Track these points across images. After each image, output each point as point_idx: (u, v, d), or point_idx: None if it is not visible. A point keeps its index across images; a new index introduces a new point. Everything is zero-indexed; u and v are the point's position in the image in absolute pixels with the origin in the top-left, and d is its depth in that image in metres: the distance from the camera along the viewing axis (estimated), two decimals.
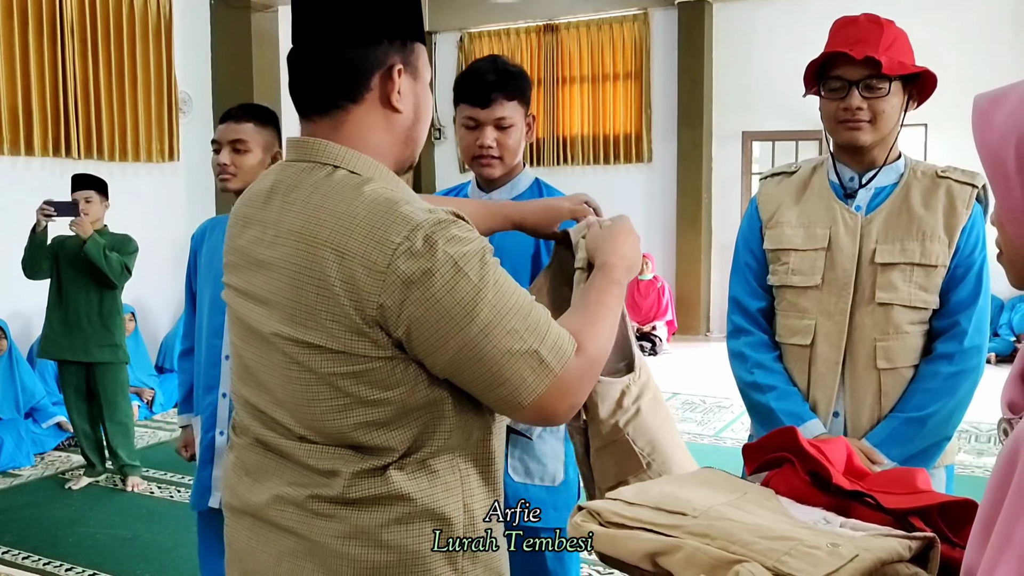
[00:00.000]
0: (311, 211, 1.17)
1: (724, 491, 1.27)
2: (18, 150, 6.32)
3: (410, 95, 1.27)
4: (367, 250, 1.11)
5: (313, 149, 1.23)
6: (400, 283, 1.11)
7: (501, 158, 2.04)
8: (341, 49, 1.22)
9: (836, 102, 1.87)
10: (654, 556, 1.14)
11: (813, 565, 1.03)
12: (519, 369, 1.15)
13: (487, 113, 2.00)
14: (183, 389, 2.78)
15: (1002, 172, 0.79)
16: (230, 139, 2.46)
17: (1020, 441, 0.71)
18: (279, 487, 1.23)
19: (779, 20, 9.06)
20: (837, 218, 1.92)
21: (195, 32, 7.70)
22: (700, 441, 5.71)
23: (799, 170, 2.05)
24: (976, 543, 0.73)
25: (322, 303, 1.14)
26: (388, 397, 1.16)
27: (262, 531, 1.25)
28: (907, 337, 1.86)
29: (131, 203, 7.09)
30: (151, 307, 7.19)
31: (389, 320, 1.12)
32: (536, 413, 1.19)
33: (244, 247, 1.28)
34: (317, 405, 1.18)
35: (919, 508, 1.23)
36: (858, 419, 1.89)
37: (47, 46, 6.43)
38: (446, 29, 10.56)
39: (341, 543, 1.19)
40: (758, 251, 2.03)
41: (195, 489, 2.58)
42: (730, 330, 2.08)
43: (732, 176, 9.33)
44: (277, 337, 1.19)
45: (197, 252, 2.67)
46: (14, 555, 3.95)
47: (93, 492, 4.86)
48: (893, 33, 1.85)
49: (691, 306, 9.36)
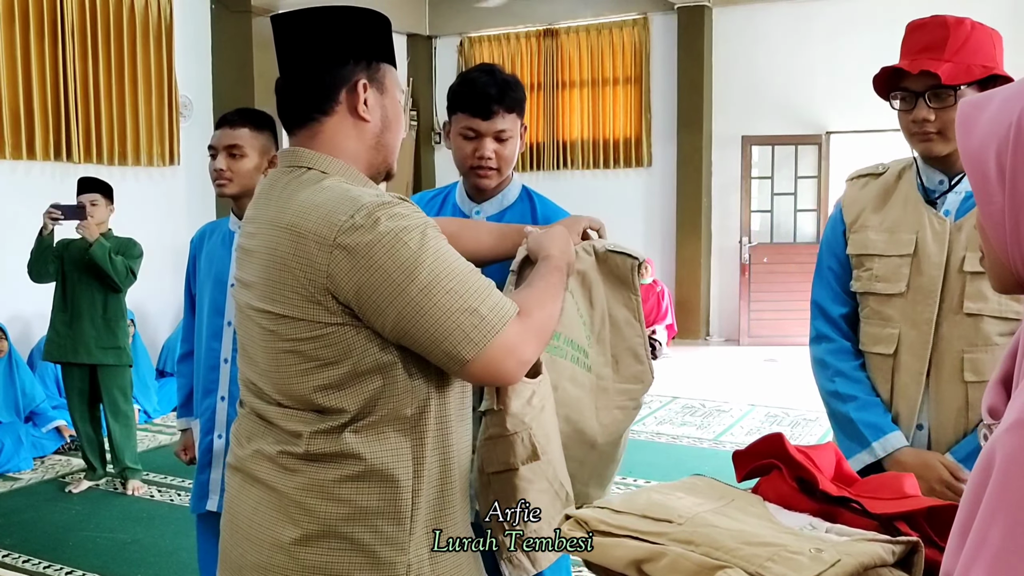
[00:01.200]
0: (282, 203, 1.37)
1: (711, 498, 1.29)
2: (19, 154, 6.33)
3: (377, 107, 1.45)
4: (318, 228, 1.29)
5: (294, 156, 1.43)
6: (345, 253, 1.27)
7: (499, 169, 2.05)
8: (312, 70, 1.42)
9: (906, 114, 1.82)
10: (639, 563, 1.16)
11: (795, 570, 1.04)
12: (460, 324, 1.28)
13: (488, 125, 2.00)
14: (182, 393, 2.77)
15: (983, 178, 0.80)
16: (226, 144, 2.46)
17: (996, 447, 0.72)
18: (259, 445, 1.41)
19: (778, 24, 9.08)
20: (924, 223, 1.85)
21: (196, 36, 7.71)
22: (699, 445, 5.72)
23: (886, 172, 1.97)
24: (953, 548, 0.74)
25: (284, 277, 1.32)
26: (342, 360, 1.31)
27: (245, 483, 1.43)
28: (996, 349, 1.78)
29: (131, 207, 7.09)
30: (150, 311, 7.20)
31: (339, 288, 1.28)
32: (484, 370, 1.32)
33: (241, 243, 1.48)
34: (285, 370, 1.35)
35: (905, 513, 1.24)
36: (942, 433, 1.83)
37: (48, 50, 6.45)
38: (446, 33, 10.58)
39: (301, 494, 1.35)
40: (841, 255, 1.98)
41: (194, 492, 2.58)
42: (812, 336, 2.03)
43: (732, 180, 9.34)
44: (255, 311, 1.38)
45: (196, 256, 2.67)
46: (14, 559, 3.95)
47: (93, 496, 4.86)
48: (963, 35, 1.76)
49: (691, 310, 9.36)
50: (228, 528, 1.47)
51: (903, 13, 5.69)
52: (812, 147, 9.00)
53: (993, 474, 0.71)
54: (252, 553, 1.39)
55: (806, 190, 9.10)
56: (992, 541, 0.68)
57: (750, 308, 9.04)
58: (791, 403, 6.47)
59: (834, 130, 8.89)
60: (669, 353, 8.79)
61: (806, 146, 9.02)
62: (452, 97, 2.04)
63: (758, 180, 9.29)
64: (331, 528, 1.34)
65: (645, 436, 5.91)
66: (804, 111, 9.00)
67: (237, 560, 1.42)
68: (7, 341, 5.67)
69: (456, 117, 2.03)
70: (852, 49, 8.53)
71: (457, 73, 10.42)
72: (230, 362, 2.46)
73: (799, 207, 9.10)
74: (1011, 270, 0.83)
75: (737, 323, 9.20)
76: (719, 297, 9.45)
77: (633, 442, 5.71)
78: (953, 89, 1.75)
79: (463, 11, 10.29)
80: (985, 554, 0.68)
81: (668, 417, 6.41)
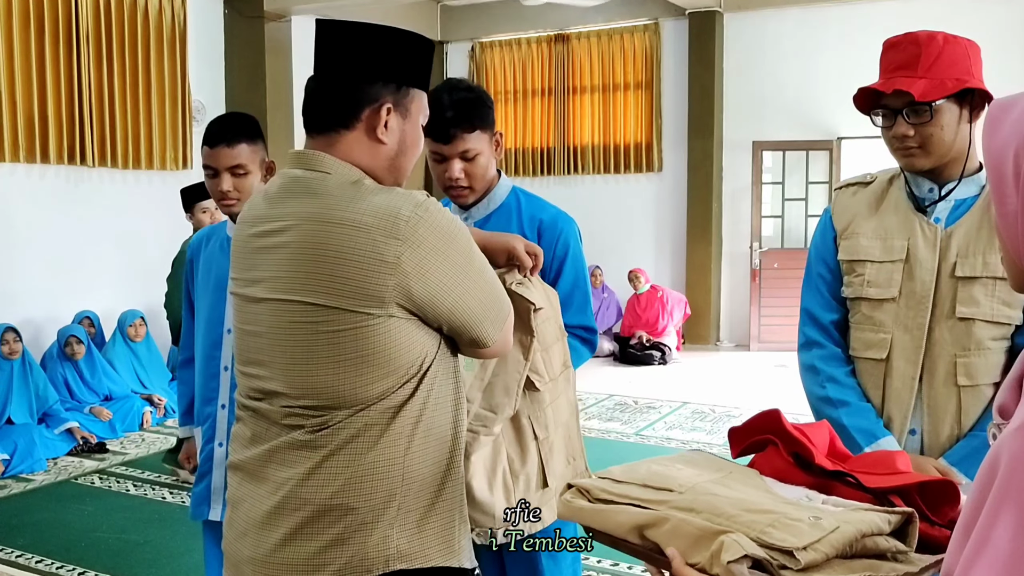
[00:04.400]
0: (323, 201, 1.40)
1: (709, 470, 1.31)
2: (33, 158, 6.38)
3: (397, 130, 1.49)
4: (382, 223, 1.36)
5: (311, 160, 1.47)
6: (412, 245, 1.36)
7: (471, 187, 2.07)
8: (342, 82, 1.47)
9: (886, 130, 1.85)
10: (642, 529, 1.17)
11: (795, 535, 1.06)
12: (492, 309, 1.48)
13: (450, 148, 2.02)
14: (184, 400, 2.70)
15: (1001, 179, 0.81)
16: (228, 165, 2.37)
17: (1003, 447, 0.72)
18: (271, 442, 1.46)
19: (789, 30, 9.07)
20: (916, 230, 1.88)
21: (209, 41, 7.77)
22: (709, 450, 5.70)
23: (875, 180, 2.00)
24: (956, 546, 0.74)
25: (337, 270, 1.36)
26: (377, 352, 1.38)
27: (245, 481, 1.50)
28: (989, 353, 1.81)
29: (144, 210, 7.15)
30: (163, 313, 7.23)
31: (406, 277, 1.36)
32: (493, 352, 1.55)
33: (249, 243, 1.50)
34: (316, 362, 1.39)
35: (899, 487, 1.26)
36: (936, 437, 1.84)
37: (63, 55, 6.51)
38: (457, 39, 10.61)
39: (299, 481, 1.42)
40: (832, 262, 2.00)
41: (193, 500, 2.52)
42: (801, 342, 2.04)
43: (742, 186, 9.33)
44: (282, 303, 1.41)
45: (194, 261, 2.60)
46: (27, 559, 3.98)
47: (105, 497, 4.89)
48: (935, 50, 1.78)
49: (701, 315, 9.35)
50: (233, 526, 1.52)
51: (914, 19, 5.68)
52: (823, 152, 8.99)
53: (999, 474, 0.71)
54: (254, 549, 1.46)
55: (817, 195, 9.08)
56: (995, 543, 0.69)
57: (760, 313, 9.02)
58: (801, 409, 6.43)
59: (845, 135, 8.87)
60: (679, 358, 8.78)
61: (817, 151, 9.01)
62: None
63: (769, 185, 9.28)
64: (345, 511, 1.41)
65: (655, 441, 5.91)
66: (815, 116, 8.99)
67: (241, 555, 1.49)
68: (21, 343, 5.72)
69: (425, 140, 2.03)
70: (863, 54, 8.49)
71: (468, 78, 10.48)
72: (230, 370, 2.40)
73: (810, 212, 9.08)
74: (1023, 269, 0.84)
75: (747, 328, 9.18)
76: (729, 302, 9.45)
77: (643, 447, 5.73)
78: (928, 105, 1.77)
79: (474, 17, 10.33)
80: (987, 555, 0.69)
81: (678, 422, 6.41)
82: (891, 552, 1.14)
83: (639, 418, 6.51)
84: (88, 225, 6.79)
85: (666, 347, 8.66)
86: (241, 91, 7.78)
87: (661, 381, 7.79)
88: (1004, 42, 7.80)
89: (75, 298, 6.63)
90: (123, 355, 6.58)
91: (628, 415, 6.59)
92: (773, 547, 1.05)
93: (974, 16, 7.92)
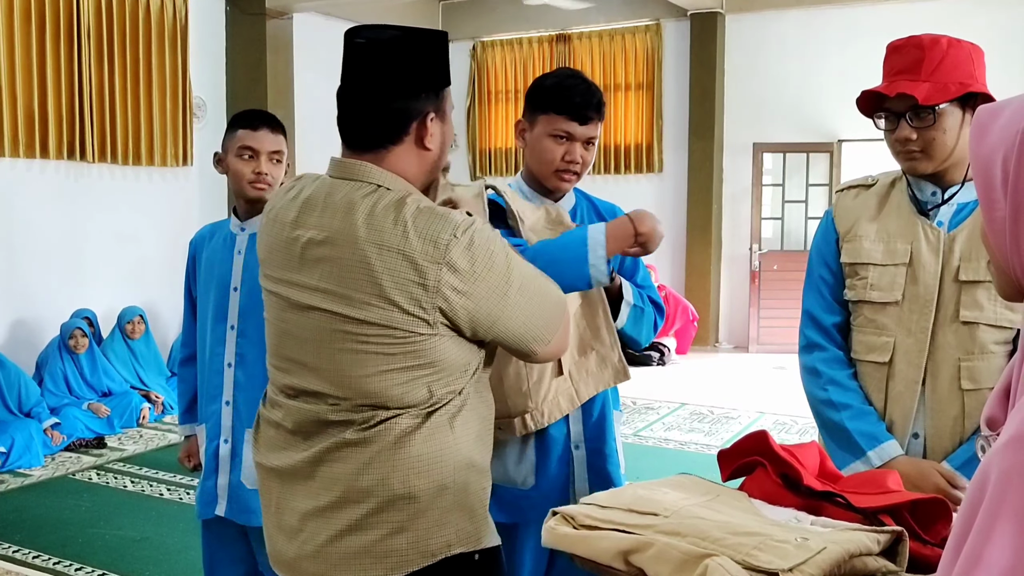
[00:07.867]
0: (366, 220, 1.42)
1: (696, 493, 1.30)
2: (33, 153, 6.38)
3: (438, 135, 1.54)
4: (424, 248, 1.39)
5: (360, 171, 1.49)
6: (452, 269, 1.40)
7: (579, 174, 2.08)
8: (387, 100, 1.49)
9: (889, 133, 1.84)
10: (626, 554, 1.17)
11: (781, 557, 1.06)
12: (538, 325, 1.51)
13: (584, 130, 2.01)
14: (185, 398, 2.67)
15: (989, 185, 0.80)
16: (270, 150, 2.43)
17: (992, 462, 0.71)
18: (316, 441, 1.49)
19: (791, 32, 9.07)
20: (919, 234, 1.87)
21: (210, 38, 7.76)
22: (707, 452, 5.70)
23: (876, 183, 2.00)
24: (947, 564, 0.72)
25: (382, 291, 1.40)
26: (424, 366, 1.44)
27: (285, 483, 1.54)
28: (992, 357, 1.81)
29: (144, 207, 7.15)
30: (162, 310, 7.23)
31: (448, 300, 1.41)
32: (543, 358, 1.59)
33: (291, 246, 1.50)
34: (361, 369, 1.43)
35: (889, 506, 1.25)
36: (939, 441, 1.84)
37: (64, 50, 6.50)
38: (459, 38, 10.60)
39: (354, 475, 1.45)
40: (833, 264, 2.00)
41: (200, 498, 2.51)
42: (802, 344, 2.03)
43: (743, 187, 9.33)
44: (328, 314, 1.44)
45: (196, 257, 2.59)
46: (24, 554, 3.98)
47: (103, 493, 4.89)
48: (938, 54, 1.78)
49: (701, 316, 9.34)
50: (281, 530, 1.56)
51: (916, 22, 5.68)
52: (824, 155, 8.99)
53: (989, 490, 0.69)
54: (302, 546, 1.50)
55: (817, 198, 9.08)
56: (986, 561, 0.67)
57: (759, 315, 9.02)
58: (800, 411, 6.45)
59: (846, 138, 8.87)
60: (678, 359, 8.78)
61: (818, 154, 9.01)
62: (544, 97, 2.03)
63: (769, 187, 9.28)
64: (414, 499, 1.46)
65: (653, 442, 5.91)
66: (816, 119, 8.99)
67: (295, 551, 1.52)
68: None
69: (547, 117, 2.01)
70: (865, 57, 8.49)
71: (469, 77, 10.48)
72: (234, 367, 2.41)
73: (810, 215, 9.08)
74: (1012, 276, 0.83)
75: (746, 330, 9.18)
76: (729, 304, 9.45)
77: (641, 448, 5.73)
78: (931, 109, 1.77)
79: (476, 15, 10.32)
80: (982, 573, 0.67)
81: (676, 423, 6.40)
82: (881, 572, 1.13)
83: (637, 419, 6.51)
84: (88, 221, 6.78)
85: (665, 348, 8.66)
86: (242, 88, 7.77)
87: (660, 382, 7.79)
88: (1007, 46, 7.80)
89: (74, 294, 6.61)
90: (121, 352, 6.58)
91: (627, 416, 6.58)
92: (759, 569, 1.05)
93: (976, 20, 7.92)
